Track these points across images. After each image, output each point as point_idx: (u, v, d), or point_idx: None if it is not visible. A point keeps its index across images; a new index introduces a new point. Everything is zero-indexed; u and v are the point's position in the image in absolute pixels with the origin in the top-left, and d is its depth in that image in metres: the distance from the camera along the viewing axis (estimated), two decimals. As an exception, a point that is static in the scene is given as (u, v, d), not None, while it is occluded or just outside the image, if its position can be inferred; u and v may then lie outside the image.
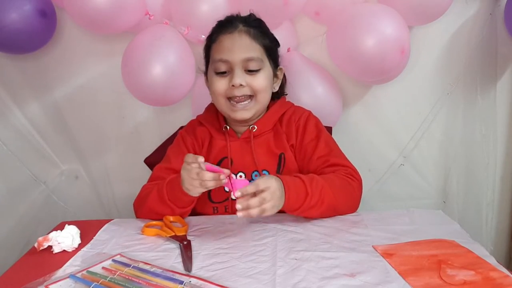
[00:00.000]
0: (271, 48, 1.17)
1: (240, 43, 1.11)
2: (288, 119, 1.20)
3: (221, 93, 1.12)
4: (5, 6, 1.32)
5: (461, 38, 1.59)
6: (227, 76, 1.12)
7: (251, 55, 1.11)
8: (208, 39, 1.18)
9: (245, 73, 1.11)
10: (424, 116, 1.65)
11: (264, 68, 1.14)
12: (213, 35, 1.16)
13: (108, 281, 0.73)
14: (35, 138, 1.66)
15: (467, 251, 0.83)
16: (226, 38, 1.12)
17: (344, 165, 1.13)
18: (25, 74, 1.60)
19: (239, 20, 1.15)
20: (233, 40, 1.11)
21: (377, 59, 1.33)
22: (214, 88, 1.13)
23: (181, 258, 0.84)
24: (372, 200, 1.71)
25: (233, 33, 1.12)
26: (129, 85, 1.40)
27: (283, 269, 0.78)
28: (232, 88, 1.10)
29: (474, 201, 1.73)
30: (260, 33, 1.15)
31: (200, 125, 1.23)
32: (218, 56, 1.12)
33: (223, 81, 1.12)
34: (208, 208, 1.15)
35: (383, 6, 1.40)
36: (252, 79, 1.11)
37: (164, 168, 1.17)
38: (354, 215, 1.06)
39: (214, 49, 1.14)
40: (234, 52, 1.10)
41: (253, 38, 1.13)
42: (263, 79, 1.13)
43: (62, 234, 0.88)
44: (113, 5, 1.29)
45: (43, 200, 1.71)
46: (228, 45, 1.11)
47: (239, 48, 1.11)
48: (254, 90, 1.12)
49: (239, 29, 1.13)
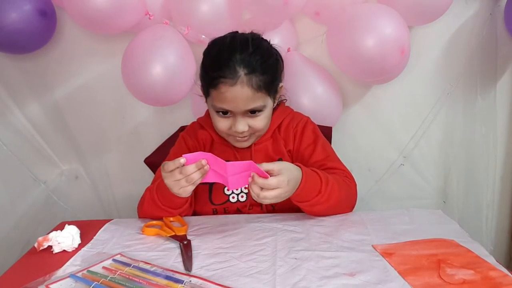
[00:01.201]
0: (272, 83, 1.10)
1: (242, 96, 1.04)
2: (286, 126, 1.21)
3: (222, 131, 1.11)
4: (5, 6, 1.32)
5: (461, 38, 1.59)
6: (229, 117, 1.09)
7: (254, 106, 1.06)
8: (206, 78, 1.08)
9: (247, 117, 1.08)
10: (424, 116, 1.66)
11: (265, 109, 1.10)
12: (213, 80, 1.05)
13: (108, 280, 0.73)
14: (35, 138, 1.66)
15: (466, 251, 0.83)
16: (227, 90, 1.03)
17: (340, 168, 1.16)
18: (25, 74, 1.60)
19: (239, 61, 1.03)
20: (235, 94, 1.03)
21: (377, 59, 1.33)
22: (215, 124, 1.12)
23: (181, 257, 0.84)
24: (372, 200, 1.71)
25: (234, 85, 1.03)
26: (129, 85, 1.40)
27: (283, 269, 0.78)
28: (233, 130, 1.09)
29: (474, 201, 1.73)
30: (261, 71, 1.05)
31: (201, 128, 1.23)
32: (219, 105, 1.06)
33: (225, 122, 1.09)
34: (208, 210, 1.16)
35: (383, 6, 1.40)
36: (254, 122, 1.09)
37: None
38: (354, 215, 1.06)
39: (215, 96, 1.06)
40: (237, 105, 1.05)
41: (256, 88, 1.04)
42: (264, 119, 1.11)
43: (62, 234, 0.88)
44: (113, 5, 1.29)
45: (43, 200, 1.71)
46: (230, 97, 1.04)
47: (241, 101, 1.05)
48: (255, 130, 1.11)
49: (241, 80, 1.03)
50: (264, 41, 1.12)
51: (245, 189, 1.16)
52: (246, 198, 1.16)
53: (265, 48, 1.10)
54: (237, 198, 1.16)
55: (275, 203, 1.12)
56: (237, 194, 1.16)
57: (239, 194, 1.16)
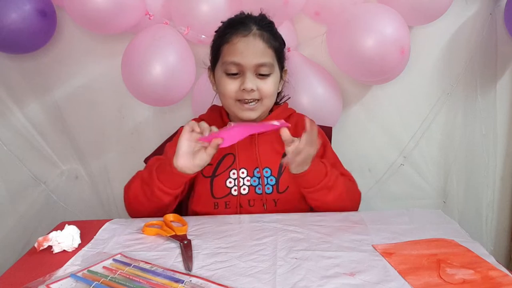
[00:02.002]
0: (280, 52, 1.17)
1: (254, 47, 1.10)
2: (295, 123, 1.21)
3: (230, 95, 1.13)
4: (5, 6, 1.32)
5: (461, 38, 1.60)
6: (238, 78, 1.12)
7: (264, 61, 1.11)
8: (219, 37, 1.15)
9: (256, 77, 1.12)
10: (424, 116, 1.66)
11: (273, 73, 1.14)
12: (225, 35, 1.13)
13: (108, 280, 0.73)
14: (35, 138, 1.66)
15: (466, 250, 0.83)
16: (240, 40, 1.10)
17: (348, 175, 1.21)
18: (25, 74, 1.60)
19: (253, 21, 1.13)
20: (247, 44, 1.10)
21: (377, 59, 1.33)
22: (223, 89, 1.13)
23: (181, 257, 0.84)
24: (372, 200, 1.71)
25: (247, 36, 1.10)
26: (129, 85, 1.40)
27: (283, 268, 0.78)
28: (242, 92, 1.11)
29: (474, 201, 1.73)
30: (272, 36, 1.14)
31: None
32: (230, 59, 1.10)
33: (233, 83, 1.12)
34: (209, 204, 1.16)
35: (383, 6, 1.40)
36: (262, 84, 1.12)
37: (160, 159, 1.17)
38: (354, 215, 1.06)
39: (226, 50, 1.12)
40: (247, 56, 1.09)
41: (266, 42, 1.11)
42: (272, 84, 1.14)
43: (62, 234, 0.88)
44: (113, 5, 1.29)
45: (43, 200, 1.71)
46: (242, 48, 1.10)
47: (253, 53, 1.10)
48: (263, 94, 1.13)
49: (253, 32, 1.11)
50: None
51: (247, 182, 1.16)
52: (248, 191, 1.15)
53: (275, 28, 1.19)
54: (240, 191, 1.15)
55: (277, 199, 1.14)
56: (240, 187, 1.15)
57: (242, 186, 1.15)
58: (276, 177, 1.16)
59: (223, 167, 1.17)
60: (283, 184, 1.16)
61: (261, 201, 1.15)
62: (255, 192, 1.15)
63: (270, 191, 1.15)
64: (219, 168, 1.17)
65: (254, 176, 1.16)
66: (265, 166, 1.16)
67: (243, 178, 1.16)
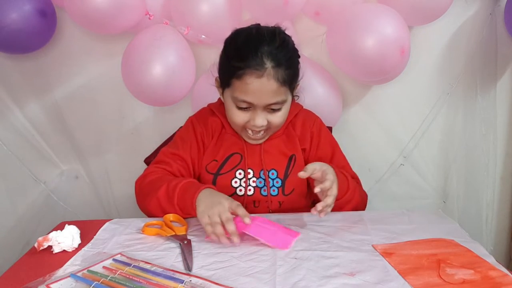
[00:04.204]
0: (294, 79, 1.11)
1: (267, 89, 1.02)
2: (301, 123, 1.20)
3: (238, 124, 1.10)
4: (5, 6, 1.32)
5: (461, 38, 1.60)
6: (248, 111, 1.07)
7: (276, 100, 1.05)
8: (229, 68, 1.05)
9: (267, 112, 1.07)
10: (424, 116, 1.66)
11: (285, 105, 1.09)
12: (237, 70, 1.03)
13: (108, 280, 0.73)
14: (35, 138, 1.66)
15: (466, 250, 0.84)
16: (253, 82, 1.01)
17: (356, 178, 1.21)
18: (25, 74, 1.60)
19: (266, 52, 1.02)
20: (261, 86, 1.02)
21: (377, 59, 1.33)
22: (231, 116, 1.10)
23: (181, 257, 0.84)
24: (372, 200, 1.70)
25: (261, 77, 1.01)
26: (129, 85, 1.40)
27: (283, 268, 0.78)
28: (251, 124, 1.08)
29: (474, 201, 1.73)
30: (287, 68, 1.04)
31: (212, 115, 1.20)
32: (241, 97, 1.04)
33: (243, 115, 1.08)
34: None
35: (383, 6, 1.40)
36: (273, 118, 1.08)
37: (170, 153, 1.16)
38: (354, 215, 1.06)
39: (238, 86, 1.04)
40: (260, 97, 1.04)
41: (281, 81, 1.03)
42: (283, 116, 1.10)
43: (62, 234, 0.88)
44: (113, 5, 1.29)
45: (43, 200, 1.71)
46: (255, 89, 1.02)
47: (266, 94, 1.03)
48: (272, 125, 1.10)
49: (267, 72, 1.01)
50: (288, 36, 1.10)
51: (253, 183, 1.15)
52: (253, 191, 1.15)
53: (290, 43, 1.09)
54: (245, 191, 1.15)
55: (282, 201, 1.14)
56: (244, 188, 1.15)
57: (247, 187, 1.15)
58: (282, 179, 1.16)
59: (229, 166, 1.16)
60: (289, 186, 1.15)
61: (266, 202, 1.15)
62: (260, 193, 1.15)
63: (276, 193, 1.15)
64: (225, 167, 1.16)
65: (260, 177, 1.15)
66: (271, 168, 1.16)
67: (249, 179, 1.15)
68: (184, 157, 1.15)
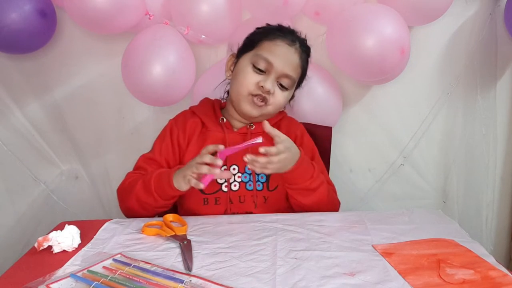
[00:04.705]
0: (303, 76, 1.23)
1: (291, 58, 1.15)
2: (286, 126, 1.25)
3: (248, 86, 1.14)
4: (5, 6, 1.32)
5: (461, 38, 1.60)
6: (261, 75, 1.14)
7: (291, 74, 1.15)
8: (263, 32, 1.18)
9: (276, 84, 1.15)
10: (424, 116, 1.66)
11: (290, 90, 1.18)
12: (270, 34, 1.17)
13: (108, 280, 0.73)
14: (35, 138, 1.66)
15: (466, 250, 0.84)
16: (283, 46, 1.15)
17: (332, 185, 1.23)
18: (25, 74, 1.60)
19: (298, 39, 1.19)
20: (288, 52, 1.15)
21: (377, 59, 1.33)
22: (243, 78, 1.15)
23: (181, 257, 0.84)
24: (372, 200, 1.71)
25: (291, 46, 1.15)
26: (129, 85, 1.40)
27: (283, 268, 0.78)
28: (259, 88, 1.13)
29: (474, 201, 1.73)
30: (306, 60, 1.21)
31: (192, 116, 1.24)
32: (266, 55, 1.13)
33: (255, 77, 1.14)
34: (199, 200, 1.16)
35: (383, 6, 1.40)
36: (278, 92, 1.15)
37: (147, 158, 1.20)
38: (354, 215, 1.06)
39: (266, 46, 1.15)
40: (282, 61, 1.13)
41: (301, 61, 1.18)
42: (284, 97, 1.18)
43: (62, 234, 0.88)
44: (113, 5, 1.29)
45: (43, 200, 1.71)
46: (282, 52, 1.14)
47: (287, 62, 1.14)
48: (273, 101, 1.15)
49: (296, 47, 1.16)
50: None
51: (238, 178, 1.16)
52: (239, 187, 1.16)
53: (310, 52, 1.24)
54: (230, 187, 1.16)
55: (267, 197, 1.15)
56: (231, 183, 1.16)
57: (232, 183, 1.16)
58: (266, 174, 1.17)
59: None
60: (273, 182, 1.17)
61: (252, 197, 1.16)
62: (245, 188, 1.16)
63: (261, 188, 1.17)
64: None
65: (245, 172, 1.17)
66: None
67: (234, 175, 1.17)
68: (159, 160, 1.19)
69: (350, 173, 1.69)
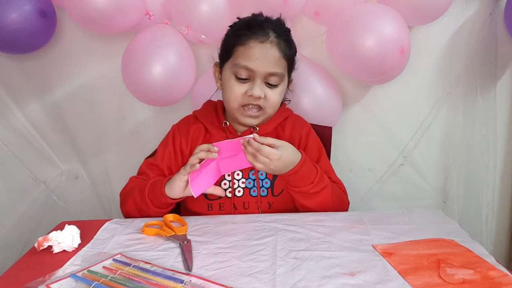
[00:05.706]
0: (292, 62, 1.17)
1: (269, 55, 1.09)
2: (291, 126, 1.22)
3: (236, 99, 1.12)
4: (5, 6, 1.32)
5: (461, 38, 1.60)
6: (246, 83, 1.11)
7: (276, 70, 1.10)
8: (234, 36, 1.13)
9: (264, 85, 1.11)
10: (424, 116, 1.66)
11: (282, 84, 1.14)
12: (241, 36, 1.10)
13: (108, 280, 0.73)
14: (35, 138, 1.66)
15: (466, 250, 0.84)
16: (256, 46, 1.08)
17: (339, 183, 1.20)
18: (25, 74, 1.60)
19: (271, 26, 1.11)
20: (263, 50, 1.08)
21: (377, 59, 1.33)
22: (229, 91, 1.12)
23: (181, 257, 0.84)
24: (372, 200, 1.71)
25: (264, 42, 1.09)
26: (129, 85, 1.40)
27: (283, 268, 0.78)
28: (249, 97, 1.10)
29: (474, 201, 1.73)
30: (288, 45, 1.13)
31: (195, 122, 1.22)
32: (243, 62, 1.09)
33: (241, 87, 1.10)
34: (203, 206, 1.16)
35: (383, 6, 1.40)
36: (270, 93, 1.12)
37: (150, 164, 1.20)
38: (354, 215, 1.06)
39: (240, 53, 1.10)
40: (261, 63, 1.08)
41: (282, 52, 1.10)
42: (278, 95, 1.14)
43: (62, 234, 0.88)
44: (113, 5, 1.29)
45: (43, 200, 1.71)
46: (257, 54, 1.08)
47: (267, 61, 1.09)
48: (267, 104, 1.12)
49: (271, 40, 1.09)
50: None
51: (242, 184, 1.16)
52: (243, 193, 1.15)
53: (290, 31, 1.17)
54: (234, 193, 1.15)
55: (272, 202, 1.14)
56: (235, 189, 1.15)
57: (236, 188, 1.15)
58: (271, 180, 1.16)
59: None
60: (278, 187, 1.16)
61: (256, 203, 1.15)
62: (249, 194, 1.15)
63: (265, 194, 1.15)
64: None
65: (249, 178, 1.16)
66: None
67: (238, 180, 1.16)
68: (161, 167, 1.18)
69: (350, 173, 1.69)
